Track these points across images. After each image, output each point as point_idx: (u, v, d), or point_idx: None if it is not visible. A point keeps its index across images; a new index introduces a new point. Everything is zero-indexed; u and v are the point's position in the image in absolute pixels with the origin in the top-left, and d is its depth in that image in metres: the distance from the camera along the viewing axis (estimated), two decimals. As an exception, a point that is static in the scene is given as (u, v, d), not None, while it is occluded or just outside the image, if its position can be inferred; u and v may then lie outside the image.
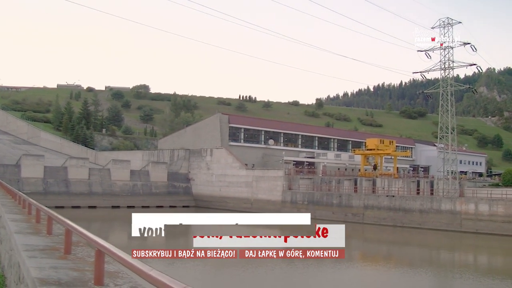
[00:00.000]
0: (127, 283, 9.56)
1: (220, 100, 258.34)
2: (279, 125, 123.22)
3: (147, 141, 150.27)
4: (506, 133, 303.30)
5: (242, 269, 38.49)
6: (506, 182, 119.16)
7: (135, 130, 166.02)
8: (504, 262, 49.52)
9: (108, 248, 8.21)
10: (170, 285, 4.71)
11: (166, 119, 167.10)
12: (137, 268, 6.28)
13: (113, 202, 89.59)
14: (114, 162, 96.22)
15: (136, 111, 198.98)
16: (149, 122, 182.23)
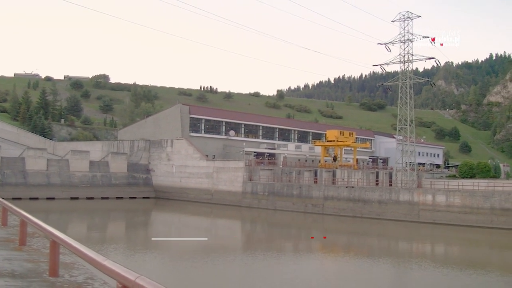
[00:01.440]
0: (83, 274, 9.42)
1: (181, 90, 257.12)
2: (240, 116, 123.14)
3: (107, 132, 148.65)
4: (463, 125, 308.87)
5: (201, 260, 38.45)
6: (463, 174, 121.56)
7: (94, 120, 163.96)
8: (460, 252, 50.43)
9: (63, 239, 8.07)
10: (124, 275, 4.64)
11: (126, 109, 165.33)
12: (91, 258, 6.18)
13: (72, 193, 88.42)
14: (73, 153, 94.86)
15: (96, 101, 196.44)
16: (109, 112, 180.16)
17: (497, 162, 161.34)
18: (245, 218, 76.00)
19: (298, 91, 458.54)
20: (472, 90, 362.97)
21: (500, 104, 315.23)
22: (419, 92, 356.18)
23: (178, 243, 50.04)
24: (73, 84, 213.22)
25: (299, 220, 72.62)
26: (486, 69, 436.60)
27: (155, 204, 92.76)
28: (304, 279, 31.13)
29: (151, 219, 76.63)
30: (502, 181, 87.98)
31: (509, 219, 60.21)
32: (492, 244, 54.50)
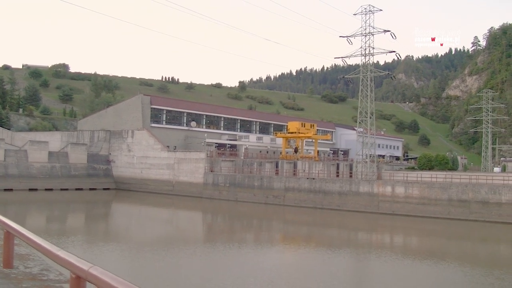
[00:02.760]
0: (38, 265, 9.26)
1: (142, 81, 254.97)
2: (202, 107, 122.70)
3: (66, 122, 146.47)
4: (422, 118, 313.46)
5: (162, 252, 38.29)
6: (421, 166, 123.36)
7: (53, 110, 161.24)
8: (419, 243, 51.21)
9: (17, 230, 7.92)
10: (77, 265, 4.58)
11: (86, 99, 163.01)
12: (45, 249, 6.08)
13: (30, 184, 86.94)
14: (32, 143, 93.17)
15: (55, 91, 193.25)
16: (69, 102, 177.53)
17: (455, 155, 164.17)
18: (206, 210, 75.89)
19: (260, 82, 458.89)
20: (431, 83, 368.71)
21: (458, 98, 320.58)
22: (379, 85, 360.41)
23: (139, 235, 49.81)
24: (31, 73, 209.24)
25: (260, 211, 72.80)
26: (446, 63, 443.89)
27: (116, 195, 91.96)
28: (264, 270, 31.23)
29: (111, 210, 75.95)
30: (459, 173, 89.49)
31: (466, 210, 61.42)
32: (449, 234, 55.45)
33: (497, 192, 60.25)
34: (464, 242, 51.45)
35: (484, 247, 48.61)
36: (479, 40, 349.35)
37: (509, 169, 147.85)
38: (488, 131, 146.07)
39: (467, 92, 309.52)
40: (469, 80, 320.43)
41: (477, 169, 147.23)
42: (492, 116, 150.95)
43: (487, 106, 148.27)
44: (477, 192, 61.47)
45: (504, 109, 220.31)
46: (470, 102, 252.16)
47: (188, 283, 27.19)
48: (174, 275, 29.21)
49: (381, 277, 31.95)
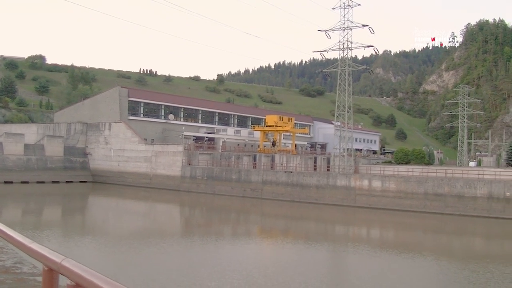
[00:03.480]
0: (12, 258, 9.16)
1: (120, 73, 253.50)
2: (180, 100, 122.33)
3: (43, 114, 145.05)
4: (400, 113, 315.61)
5: (139, 245, 38.16)
6: (398, 160, 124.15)
7: (29, 102, 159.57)
8: (395, 236, 51.61)
9: (-12, 222, 7.81)
10: (50, 257, 4.54)
11: (63, 91, 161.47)
12: (18, 242, 6.01)
13: (6, 177, 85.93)
14: (7, 136, 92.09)
15: (31, 83, 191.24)
16: (45, 94, 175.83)
17: (431, 149, 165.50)
18: (184, 203, 75.72)
19: (238, 75, 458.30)
20: (408, 78, 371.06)
21: (435, 92, 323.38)
22: (357, 79, 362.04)
23: (116, 228, 49.57)
24: (7, 64, 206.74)
25: (238, 204, 72.82)
26: (423, 58, 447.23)
27: (92, 188, 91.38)
28: (242, 264, 31.27)
29: (88, 203, 75.43)
30: (435, 168, 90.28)
31: (442, 204, 62.04)
32: (425, 228, 55.95)
33: (472, 186, 60.91)
34: (440, 235, 51.92)
35: (459, 240, 49.13)
36: (456, 36, 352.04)
37: (484, 163, 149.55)
38: (464, 126, 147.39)
39: (444, 87, 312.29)
40: (445, 75, 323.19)
41: (453, 163, 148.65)
42: (468, 111, 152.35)
43: (463, 101, 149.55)
44: (452, 186, 62.10)
45: (480, 104, 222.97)
46: (446, 97, 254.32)
47: (165, 277, 27.11)
48: (151, 269, 29.09)
49: (358, 270, 32.14)
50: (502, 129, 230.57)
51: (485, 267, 32.99)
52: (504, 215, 58.11)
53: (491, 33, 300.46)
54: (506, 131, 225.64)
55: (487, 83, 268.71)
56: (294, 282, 26.72)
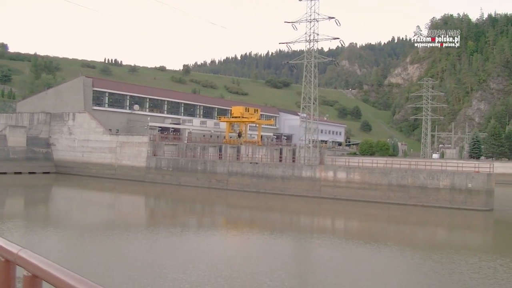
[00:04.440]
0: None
1: (85, 62, 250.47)
2: (145, 90, 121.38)
3: (5, 104, 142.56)
4: (365, 105, 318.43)
5: (103, 237, 37.82)
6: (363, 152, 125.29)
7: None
8: (359, 227, 52.06)
9: None
10: (6, 248, 4.41)
11: (25, 80, 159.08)
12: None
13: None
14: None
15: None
16: (7, 83, 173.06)
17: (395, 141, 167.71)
18: (149, 194, 75.29)
19: (204, 66, 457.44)
20: (374, 71, 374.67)
21: (400, 85, 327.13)
22: (323, 71, 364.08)
23: (79, 220, 49.03)
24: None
25: (204, 195, 72.72)
26: (388, 51, 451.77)
27: (56, 179, 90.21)
28: (208, 255, 31.19)
29: (51, 195, 74.42)
30: (399, 159, 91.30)
31: (405, 195, 62.82)
32: (389, 219, 56.59)
33: (435, 177, 61.76)
34: (403, 226, 52.56)
35: (422, 231, 49.77)
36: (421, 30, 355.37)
37: (447, 155, 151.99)
38: (428, 118, 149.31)
39: (408, 80, 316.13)
40: (410, 68, 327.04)
41: (417, 155, 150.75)
42: (432, 104, 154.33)
43: (427, 94, 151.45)
44: (416, 178, 62.87)
45: (444, 97, 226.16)
46: (411, 90, 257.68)
47: (129, 269, 26.89)
48: (116, 261, 28.86)
49: (324, 261, 32.34)
50: (465, 122, 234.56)
51: (449, 258, 33.49)
52: (466, 206, 59.14)
53: (455, 27, 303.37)
54: (469, 124, 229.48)
55: (450, 77, 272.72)
56: (260, 273, 26.76)
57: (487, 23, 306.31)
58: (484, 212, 58.39)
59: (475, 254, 35.65)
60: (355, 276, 27.23)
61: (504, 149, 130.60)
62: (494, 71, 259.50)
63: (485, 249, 40.08)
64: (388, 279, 27.23)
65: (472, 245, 42.07)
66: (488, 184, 59.86)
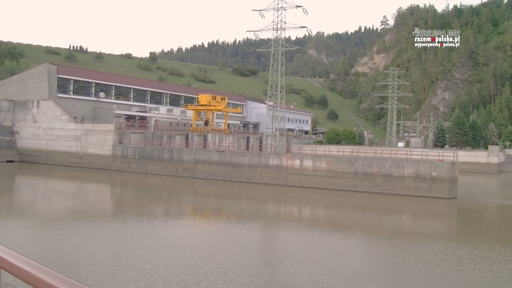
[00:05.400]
0: None
1: (49, 49, 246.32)
2: (111, 77, 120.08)
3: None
4: (331, 93, 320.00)
5: (68, 227, 37.42)
6: (329, 140, 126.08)
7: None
8: (325, 214, 52.43)
9: None
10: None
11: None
12: None
13: None
14: None
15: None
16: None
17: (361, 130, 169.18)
18: (115, 182, 74.63)
19: (171, 54, 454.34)
20: (341, 60, 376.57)
21: (366, 74, 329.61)
22: (290, 60, 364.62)
23: (44, 209, 48.41)
24: None
25: (170, 184, 72.43)
26: (355, 40, 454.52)
27: (20, 168, 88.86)
28: (175, 244, 31.08)
29: (15, 184, 73.20)
30: (365, 148, 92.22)
31: (371, 183, 63.48)
32: (355, 206, 57.06)
33: (400, 166, 62.49)
34: (369, 214, 53.05)
35: (388, 218, 50.33)
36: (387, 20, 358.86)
37: (412, 144, 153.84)
38: (394, 107, 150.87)
39: (375, 69, 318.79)
40: (377, 58, 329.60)
41: (382, 143, 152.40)
42: (397, 93, 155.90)
43: (393, 83, 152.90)
44: (381, 166, 63.53)
45: (409, 87, 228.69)
46: (377, 79, 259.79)
47: (95, 259, 26.63)
48: (81, 251, 28.55)
49: (291, 249, 32.46)
50: (430, 111, 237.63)
51: (415, 245, 33.92)
52: (430, 194, 60.08)
53: (421, 17, 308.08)
54: (434, 113, 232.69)
55: (416, 66, 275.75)
56: (228, 262, 26.77)
57: (452, 14, 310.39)
58: (448, 200, 59.34)
59: (440, 241, 36.19)
60: (323, 264, 27.39)
61: (468, 138, 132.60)
62: (458, 61, 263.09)
63: (450, 236, 40.70)
64: (355, 267, 27.45)
65: (437, 233, 42.71)
66: (452, 173, 60.81)
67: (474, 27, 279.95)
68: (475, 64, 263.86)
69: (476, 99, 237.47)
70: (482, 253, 31.95)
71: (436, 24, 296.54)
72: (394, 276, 26.26)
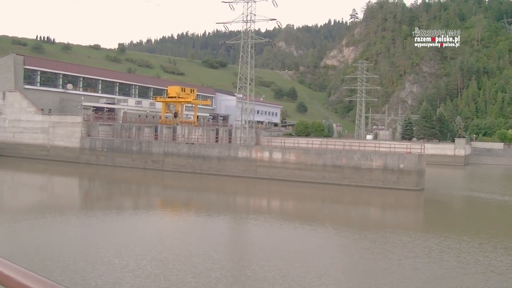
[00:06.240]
0: None
1: (15, 39, 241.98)
2: (79, 69, 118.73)
3: None
4: (301, 86, 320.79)
5: (35, 221, 37.02)
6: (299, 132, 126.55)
7: None
8: (295, 206, 52.61)
9: None
10: None
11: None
12: None
13: None
14: None
15: None
16: None
17: (330, 122, 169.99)
18: (83, 175, 73.89)
19: (140, 45, 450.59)
20: (310, 52, 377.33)
21: (335, 67, 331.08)
22: (260, 52, 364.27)
23: (10, 203, 47.75)
24: None
25: (139, 176, 72.02)
26: (325, 33, 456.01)
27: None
28: (144, 237, 30.94)
29: None
30: (334, 140, 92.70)
31: (339, 175, 63.93)
32: (324, 198, 57.42)
33: (369, 158, 63.03)
34: (338, 206, 53.47)
35: (356, 210, 50.79)
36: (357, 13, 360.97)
37: (381, 137, 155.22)
38: (362, 100, 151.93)
39: (344, 62, 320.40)
40: (346, 51, 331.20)
41: (351, 136, 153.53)
42: (366, 86, 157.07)
43: (362, 76, 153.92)
44: (350, 158, 63.99)
45: (378, 80, 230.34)
46: (346, 72, 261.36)
47: (63, 254, 26.35)
48: (48, 246, 28.21)
49: (260, 241, 32.50)
50: (398, 104, 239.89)
51: (383, 237, 34.27)
52: (398, 186, 60.79)
53: (390, 11, 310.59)
54: (402, 106, 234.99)
55: (385, 60, 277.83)
56: (198, 255, 26.73)
57: (420, 8, 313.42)
58: (415, 192, 60.07)
59: (409, 233, 36.61)
60: (292, 256, 27.51)
61: (435, 131, 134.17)
62: (426, 55, 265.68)
63: (418, 228, 41.19)
64: (325, 259, 27.63)
65: (405, 224, 43.24)
66: (419, 165, 61.55)
67: (442, 21, 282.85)
68: (442, 58, 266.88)
69: (443, 93, 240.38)
70: (450, 244, 32.40)
71: (404, 18, 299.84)
72: (364, 268, 26.48)
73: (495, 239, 34.86)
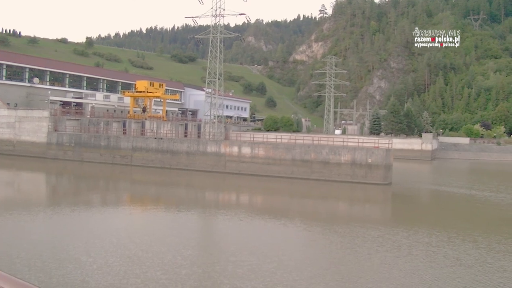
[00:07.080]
0: None
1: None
2: (46, 62, 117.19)
3: None
4: (270, 81, 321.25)
5: (13, 216, 36.51)
6: (268, 127, 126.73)
7: None
8: (263, 201, 52.68)
9: None
10: None
11: None
12: None
13: None
14: None
15: None
16: None
17: (299, 117, 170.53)
18: (50, 171, 72.97)
19: (108, 39, 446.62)
20: (279, 47, 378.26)
21: (304, 62, 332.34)
22: (229, 47, 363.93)
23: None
24: None
25: (107, 171, 71.39)
26: (294, 28, 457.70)
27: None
28: (113, 234, 30.69)
29: None
30: (303, 135, 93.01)
31: (308, 170, 64.27)
32: (292, 193, 57.56)
33: (337, 153, 63.45)
34: (307, 200, 53.65)
35: (325, 205, 51.04)
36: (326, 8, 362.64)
37: (349, 131, 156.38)
38: (331, 95, 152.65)
39: (313, 58, 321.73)
40: (315, 46, 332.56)
41: (320, 131, 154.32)
42: (335, 81, 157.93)
43: (330, 71, 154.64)
44: (319, 153, 64.34)
45: (346, 75, 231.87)
46: (315, 67, 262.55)
47: (30, 251, 25.96)
48: (14, 243, 27.79)
49: (230, 236, 32.50)
50: (366, 99, 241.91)
51: (353, 231, 34.52)
52: (366, 180, 61.40)
53: (359, 7, 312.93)
54: (370, 101, 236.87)
55: (353, 55, 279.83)
56: (168, 251, 26.60)
57: (389, 4, 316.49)
58: (383, 186, 60.71)
59: (378, 227, 36.88)
60: (262, 251, 27.53)
61: (403, 126, 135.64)
62: (394, 50, 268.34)
63: (386, 222, 41.59)
64: (294, 254, 27.72)
65: (374, 218, 43.64)
66: (387, 159, 62.18)
67: (410, 18, 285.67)
68: (410, 54, 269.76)
69: (411, 88, 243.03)
70: (419, 238, 32.80)
71: (373, 14, 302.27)
72: (333, 262, 26.63)
73: (463, 232, 35.38)
